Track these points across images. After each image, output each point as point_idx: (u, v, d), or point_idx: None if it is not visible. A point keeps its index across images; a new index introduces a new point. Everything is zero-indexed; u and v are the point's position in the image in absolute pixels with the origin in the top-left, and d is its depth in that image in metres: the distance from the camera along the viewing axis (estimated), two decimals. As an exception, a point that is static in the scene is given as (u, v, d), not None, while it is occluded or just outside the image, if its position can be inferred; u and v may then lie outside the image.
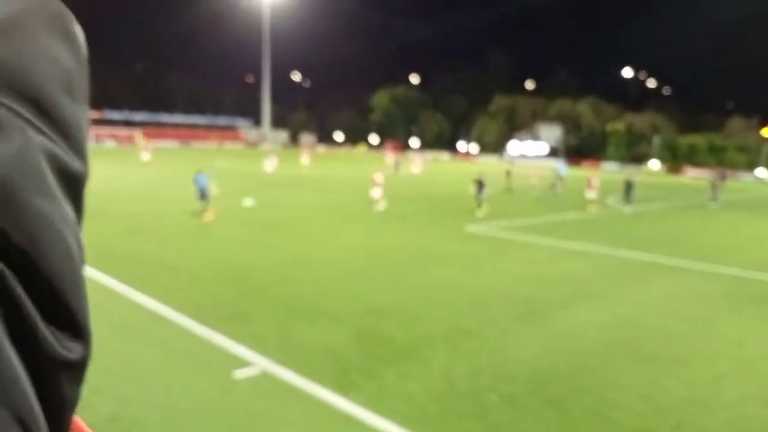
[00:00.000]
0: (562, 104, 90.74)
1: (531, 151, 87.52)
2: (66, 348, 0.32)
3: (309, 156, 48.23)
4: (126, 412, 5.69)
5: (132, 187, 26.76)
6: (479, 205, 22.04)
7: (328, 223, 18.25)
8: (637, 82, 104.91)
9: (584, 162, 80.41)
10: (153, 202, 21.57)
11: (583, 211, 24.42)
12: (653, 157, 78.73)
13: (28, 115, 0.32)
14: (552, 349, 7.92)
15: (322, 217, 19.38)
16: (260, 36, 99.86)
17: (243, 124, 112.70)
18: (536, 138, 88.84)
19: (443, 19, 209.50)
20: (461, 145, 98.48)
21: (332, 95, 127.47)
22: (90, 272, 10.89)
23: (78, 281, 0.34)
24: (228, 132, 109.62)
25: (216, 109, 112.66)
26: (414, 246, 14.79)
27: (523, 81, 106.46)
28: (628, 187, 27.91)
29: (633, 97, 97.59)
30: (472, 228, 18.29)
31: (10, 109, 0.31)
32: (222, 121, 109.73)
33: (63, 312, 0.33)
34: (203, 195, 18.07)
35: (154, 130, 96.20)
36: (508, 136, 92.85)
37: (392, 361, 7.26)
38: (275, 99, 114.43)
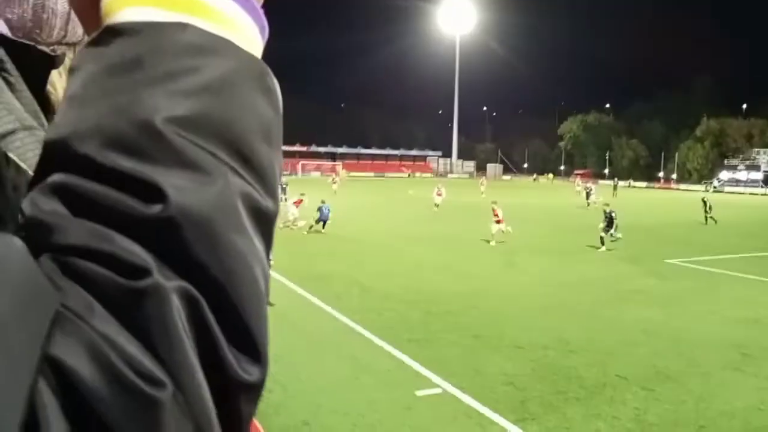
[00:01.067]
0: None
1: (745, 179, 76.76)
2: (246, 371, 0.35)
3: (486, 185, 48.52)
4: (317, 419, 6.18)
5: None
6: (602, 241, 19.49)
7: (506, 252, 17.92)
8: None
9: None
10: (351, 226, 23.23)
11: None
12: None
13: (230, 161, 0.37)
14: (775, 405, 6.80)
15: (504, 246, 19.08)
16: (450, 71, 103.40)
17: (433, 156, 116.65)
18: (752, 164, 77.64)
19: (634, 44, 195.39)
20: (661, 173, 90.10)
21: (519, 125, 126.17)
22: (291, 286, 12.09)
23: (261, 310, 0.37)
24: (419, 163, 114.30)
25: (408, 142, 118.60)
26: (606, 279, 13.83)
27: (737, 105, 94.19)
28: None
29: None
30: (673, 261, 16.52)
31: (214, 155, 0.36)
32: (413, 153, 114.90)
33: (246, 338, 0.35)
34: (323, 221, 21.09)
35: (352, 162, 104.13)
36: (718, 163, 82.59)
37: (579, 398, 6.85)
38: (463, 131, 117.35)
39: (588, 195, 36.80)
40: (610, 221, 19.88)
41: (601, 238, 19.47)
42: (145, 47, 0.38)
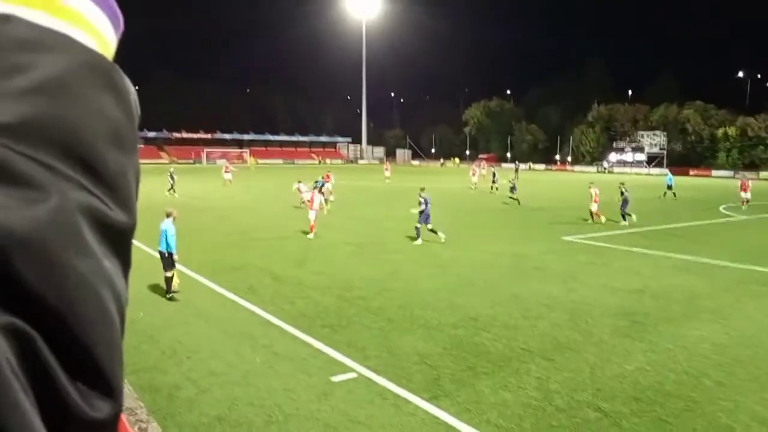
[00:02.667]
0: (666, 110, 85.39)
1: (631, 160, 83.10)
2: (94, 407, 0.32)
3: (390, 170, 49.40)
4: (232, 413, 6.07)
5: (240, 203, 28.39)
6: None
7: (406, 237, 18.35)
8: (753, 84, 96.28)
9: (692, 170, 74.98)
10: (253, 214, 22.77)
11: (702, 221, 22.77)
12: None
13: (71, 172, 0.33)
14: (658, 366, 7.49)
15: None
16: (358, 57, 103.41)
17: (342, 142, 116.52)
18: (637, 146, 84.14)
19: (538, 31, 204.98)
20: (557, 156, 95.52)
21: (427, 112, 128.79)
22: (203, 281, 11.72)
23: (111, 339, 0.34)
24: (329, 150, 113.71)
25: (318, 128, 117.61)
26: (509, 258, 14.52)
27: (623, 90, 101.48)
28: None
29: (748, 100, 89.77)
30: (570, 238, 17.65)
31: (49, 168, 0.32)
32: (323, 139, 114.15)
33: (93, 371, 0.32)
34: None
35: (261, 149, 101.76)
36: (608, 146, 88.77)
37: (488, 372, 7.19)
38: (372, 117, 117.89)
39: (494, 178, 38.24)
40: (625, 200, 22.25)
41: (623, 215, 22.03)
42: None
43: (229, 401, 6.32)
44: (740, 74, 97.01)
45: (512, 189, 29.70)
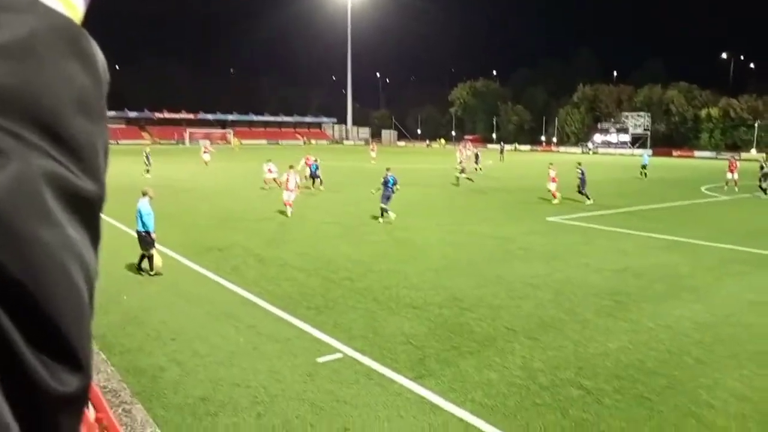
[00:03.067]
0: (650, 91, 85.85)
1: (616, 141, 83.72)
2: (60, 381, 0.31)
3: (376, 152, 49.29)
4: (216, 394, 6.06)
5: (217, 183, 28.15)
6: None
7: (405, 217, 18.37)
8: (736, 65, 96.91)
9: (675, 151, 75.73)
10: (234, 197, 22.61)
11: (685, 201, 23.04)
12: (753, 145, 72.81)
13: (34, 138, 0.32)
14: (640, 344, 7.59)
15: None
16: (343, 37, 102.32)
17: (327, 122, 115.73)
18: (622, 127, 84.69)
19: (525, 13, 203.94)
20: (543, 137, 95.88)
21: (413, 92, 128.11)
22: (186, 262, 11.62)
23: (78, 310, 0.33)
24: (314, 130, 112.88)
25: (302, 109, 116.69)
26: (494, 239, 14.59)
27: (609, 72, 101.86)
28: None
29: (731, 81, 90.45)
30: (554, 219, 17.77)
31: (12, 133, 0.31)
32: (308, 120, 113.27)
33: (59, 344, 0.32)
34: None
35: (244, 129, 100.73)
36: (593, 126, 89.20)
37: (472, 352, 7.24)
38: (358, 98, 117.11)
39: (477, 159, 38.25)
40: (582, 181, 22.33)
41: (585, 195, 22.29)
42: None
43: (213, 382, 6.30)
44: (723, 55, 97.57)
45: (462, 170, 29.33)
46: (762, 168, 26.80)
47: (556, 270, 11.44)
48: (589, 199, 22.10)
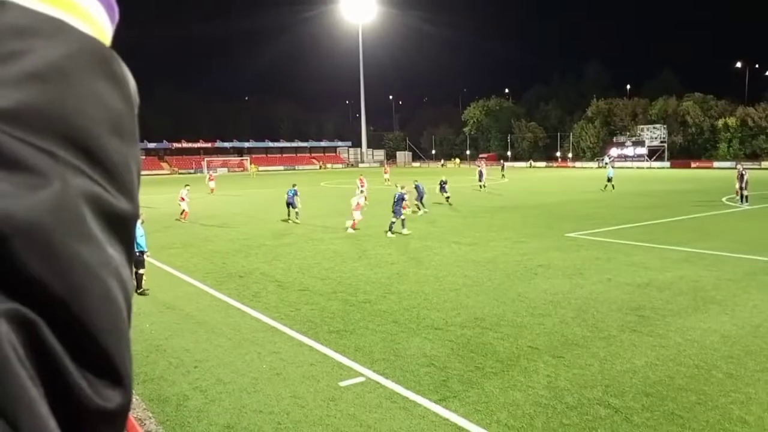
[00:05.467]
0: (665, 103, 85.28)
1: (632, 154, 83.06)
2: (103, 397, 0.32)
3: (389, 173, 49.74)
4: (241, 421, 6.05)
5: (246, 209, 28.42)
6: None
7: (423, 236, 18.34)
8: (751, 74, 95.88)
9: (693, 163, 74.80)
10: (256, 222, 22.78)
11: (705, 212, 22.69)
12: None
13: (71, 159, 0.33)
14: (667, 360, 7.44)
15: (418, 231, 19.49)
16: (355, 61, 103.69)
17: (343, 146, 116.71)
18: (638, 140, 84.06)
19: (535, 31, 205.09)
20: (558, 153, 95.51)
21: (426, 113, 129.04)
22: (208, 290, 11.70)
23: (118, 326, 0.34)
24: (329, 154, 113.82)
25: (318, 134, 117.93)
26: (513, 256, 14.48)
27: (622, 85, 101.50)
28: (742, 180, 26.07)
29: (747, 90, 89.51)
30: (573, 235, 17.61)
31: (50, 154, 0.32)
32: (323, 144, 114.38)
33: (101, 360, 0.32)
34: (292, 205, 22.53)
35: (261, 156, 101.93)
36: (608, 140, 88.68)
37: (496, 372, 7.15)
38: (371, 120, 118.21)
39: (480, 177, 38.55)
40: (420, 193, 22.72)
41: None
42: None
43: (237, 409, 6.30)
44: (738, 64, 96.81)
45: (442, 188, 27.87)
46: None
47: (577, 286, 11.31)
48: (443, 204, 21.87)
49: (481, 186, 37.35)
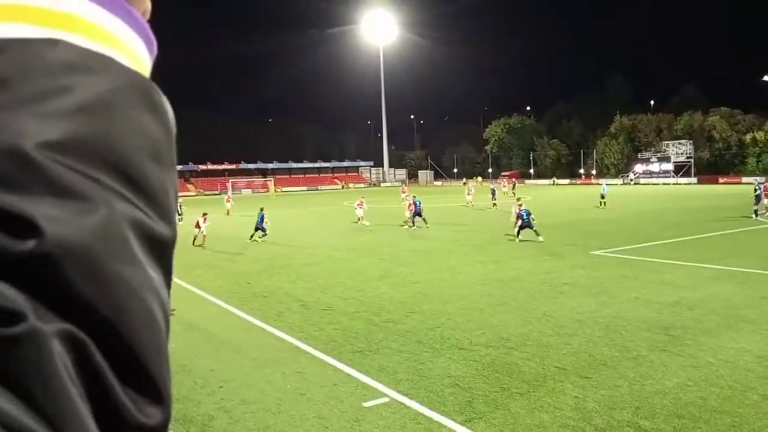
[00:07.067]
0: (691, 118, 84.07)
1: (657, 170, 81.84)
2: (145, 414, 0.33)
3: (407, 192, 49.56)
4: (267, 440, 6.03)
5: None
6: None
7: (443, 255, 18.25)
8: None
9: (721, 178, 73.25)
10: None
11: (734, 229, 22.20)
12: None
13: (115, 185, 0.35)
14: (700, 380, 7.24)
15: (439, 250, 19.41)
16: (376, 82, 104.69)
17: (364, 166, 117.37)
18: (663, 156, 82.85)
19: (555, 48, 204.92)
20: (581, 170, 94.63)
21: (447, 132, 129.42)
22: (232, 310, 11.78)
23: (159, 346, 0.35)
24: (351, 174, 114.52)
25: (340, 154, 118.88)
26: (538, 275, 14.31)
27: (645, 100, 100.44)
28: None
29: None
30: (598, 252, 17.34)
31: (96, 181, 0.34)
32: (345, 164, 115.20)
33: (143, 378, 0.33)
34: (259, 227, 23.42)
35: (284, 177, 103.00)
36: (632, 157, 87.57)
37: (522, 393, 7.04)
38: (392, 140, 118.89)
39: (493, 195, 38.66)
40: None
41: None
42: (10, 66, 0.35)
43: (262, 430, 6.29)
44: (765, 78, 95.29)
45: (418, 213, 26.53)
46: None
47: (604, 305, 11.12)
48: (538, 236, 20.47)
49: (493, 204, 37.45)
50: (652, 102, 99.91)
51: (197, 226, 22.74)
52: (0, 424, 0.27)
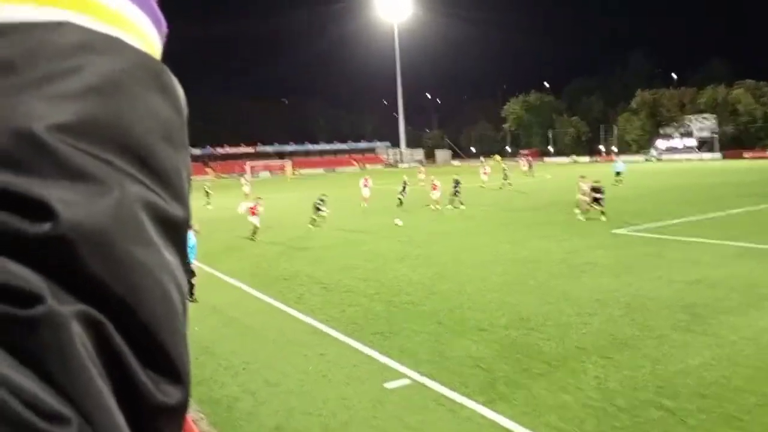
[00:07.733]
0: (714, 92, 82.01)
1: (680, 146, 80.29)
2: (164, 393, 0.34)
3: (424, 173, 49.01)
4: (290, 423, 6.15)
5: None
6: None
7: (465, 235, 18.21)
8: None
9: (746, 153, 71.56)
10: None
11: (759, 205, 21.77)
12: None
13: (128, 167, 0.35)
14: (723, 359, 7.19)
15: (459, 231, 19.37)
16: (392, 61, 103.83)
17: (381, 146, 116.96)
18: (686, 131, 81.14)
19: (575, 22, 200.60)
20: (602, 147, 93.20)
21: (465, 111, 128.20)
22: (254, 293, 11.93)
23: (177, 326, 0.35)
24: (368, 155, 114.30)
25: (356, 135, 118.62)
26: (557, 254, 14.23)
27: (667, 74, 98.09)
28: None
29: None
30: (619, 231, 17.16)
31: (108, 163, 0.34)
32: (362, 145, 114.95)
33: (162, 358, 0.34)
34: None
35: (301, 159, 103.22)
36: (654, 132, 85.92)
37: (543, 373, 7.05)
38: (409, 120, 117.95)
39: (505, 176, 38.26)
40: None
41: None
42: (17, 49, 0.34)
43: (286, 411, 6.41)
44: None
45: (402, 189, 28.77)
46: None
47: (625, 284, 11.04)
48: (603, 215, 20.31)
49: (506, 183, 37.28)
50: (674, 75, 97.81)
51: (252, 212, 19.38)
52: (24, 404, 0.27)
